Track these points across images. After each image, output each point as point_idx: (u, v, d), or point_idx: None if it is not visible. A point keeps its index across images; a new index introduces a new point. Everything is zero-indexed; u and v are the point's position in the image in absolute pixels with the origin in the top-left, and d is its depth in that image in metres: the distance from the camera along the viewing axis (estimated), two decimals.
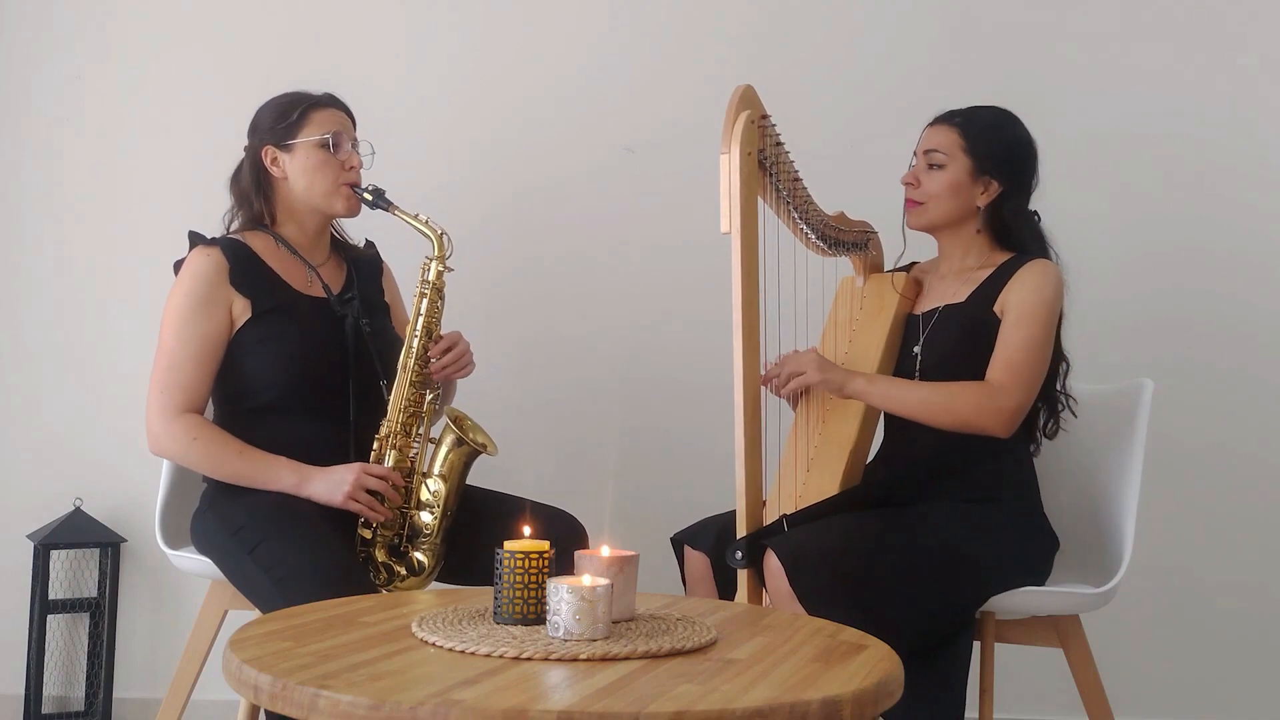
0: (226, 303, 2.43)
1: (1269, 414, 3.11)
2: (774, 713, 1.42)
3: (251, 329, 2.43)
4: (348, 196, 2.50)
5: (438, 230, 2.49)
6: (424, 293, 2.48)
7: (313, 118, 2.50)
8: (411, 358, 2.46)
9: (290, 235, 2.54)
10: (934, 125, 2.55)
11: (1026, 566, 2.40)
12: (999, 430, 2.38)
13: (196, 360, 2.41)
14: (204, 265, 2.44)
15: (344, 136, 2.51)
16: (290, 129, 2.49)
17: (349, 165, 2.50)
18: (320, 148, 2.48)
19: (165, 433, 2.41)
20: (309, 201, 2.51)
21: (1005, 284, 2.45)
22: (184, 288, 2.44)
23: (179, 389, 2.41)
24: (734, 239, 2.32)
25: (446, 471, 2.43)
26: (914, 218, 2.55)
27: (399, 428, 2.44)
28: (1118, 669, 2.75)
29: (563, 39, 3.24)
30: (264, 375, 2.43)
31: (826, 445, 2.47)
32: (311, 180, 2.49)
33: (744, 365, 2.33)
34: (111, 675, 3.13)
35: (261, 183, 2.52)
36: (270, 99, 2.55)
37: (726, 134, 2.31)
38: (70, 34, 3.23)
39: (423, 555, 2.42)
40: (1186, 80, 3.14)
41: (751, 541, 2.29)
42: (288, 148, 2.49)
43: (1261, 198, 3.13)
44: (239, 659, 1.56)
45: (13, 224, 3.24)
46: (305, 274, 2.51)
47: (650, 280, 3.21)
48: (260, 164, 2.52)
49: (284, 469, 2.38)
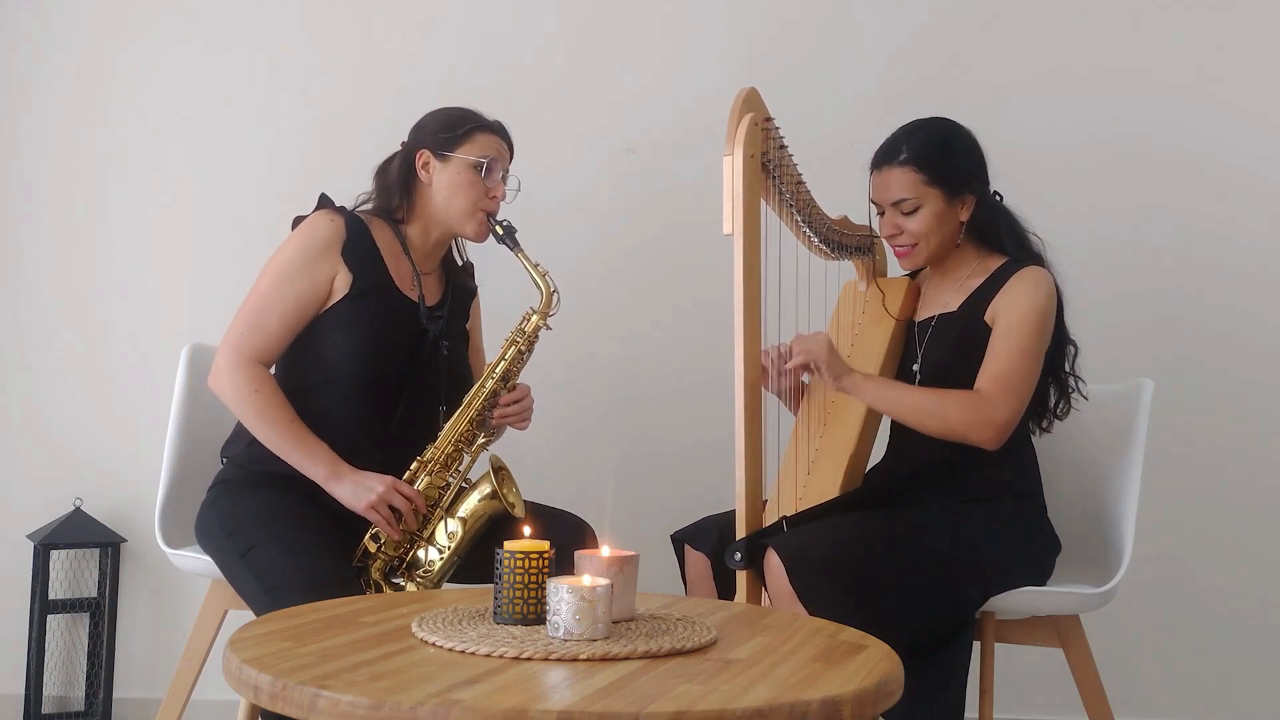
0: (331, 270, 2.43)
1: (1269, 414, 3.11)
2: (774, 713, 1.42)
3: (345, 306, 2.43)
4: (481, 223, 2.50)
5: (552, 286, 2.49)
6: (516, 341, 2.48)
7: (477, 138, 2.50)
8: (481, 397, 2.46)
9: (412, 237, 2.54)
10: (881, 172, 2.48)
11: (1027, 567, 2.40)
12: (987, 443, 2.37)
13: (283, 314, 2.41)
14: (323, 227, 2.45)
15: (498, 165, 2.52)
16: (452, 141, 2.49)
17: (492, 194, 2.51)
18: (473, 168, 2.49)
19: (230, 374, 2.39)
20: (444, 215, 2.52)
21: (995, 293, 2.45)
22: (296, 242, 2.44)
23: (259, 336, 2.40)
24: (736, 240, 2.32)
25: (468, 517, 2.42)
26: (910, 261, 2.53)
27: (443, 457, 2.43)
28: (1118, 669, 2.75)
29: (564, 39, 3.24)
30: (336, 355, 2.43)
31: (827, 448, 2.47)
32: (453, 196, 2.49)
33: (745, 366, 2.33)
34: (111, 675, 3.13)
35: (408, 181, 2.53)
36: (444, 107, 2.56)
37: (730, 136, 2.31)
38: (70, 34, 3.23)
39: (415, 588, 2.40)
40: (1188, 81, 3.14)
41: (751, 543, 2.28)
42: (444, 158, 2.50)
43: (1262, 199, 3.13)
44: (239, 659, 1.56)
45: (13, 224, 3.24)
46: (411, 276, 2.52)
47: (651, 281, 3.21)
48: (412, 163, 2.52)
49: (321, 459, 2.36)
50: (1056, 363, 2.50)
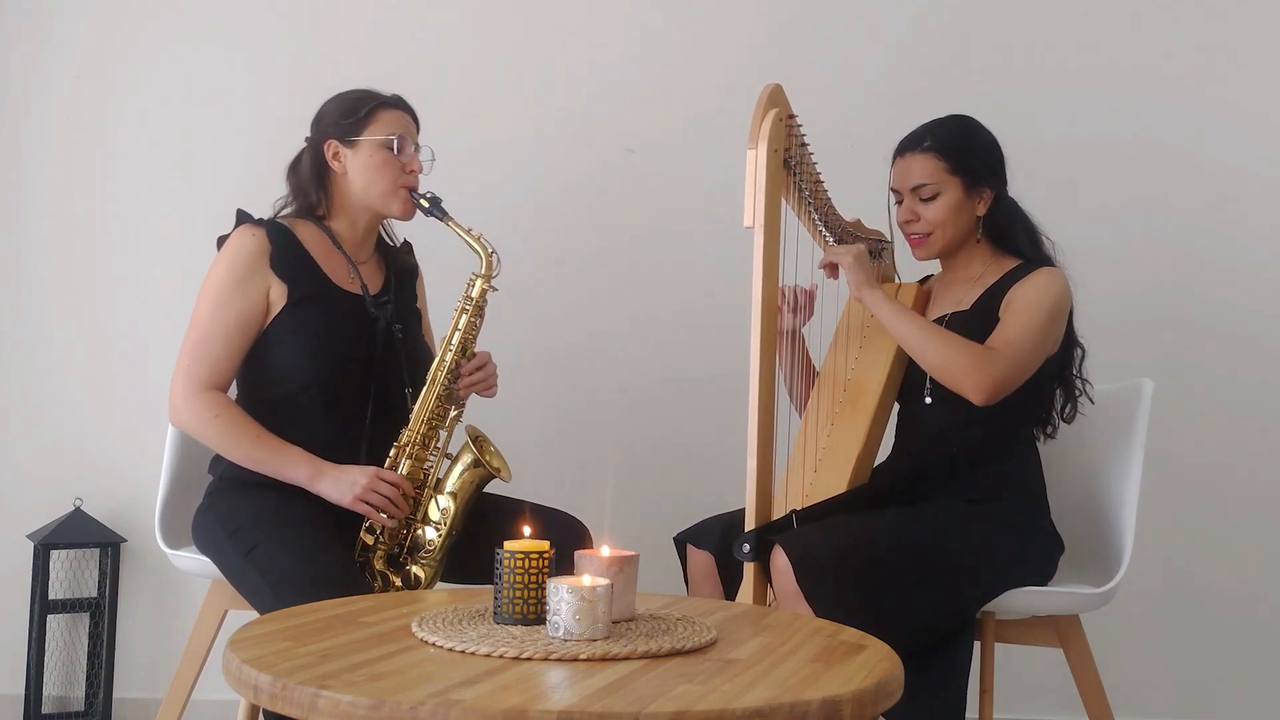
0: (264, 285, 2.42)
1: (1269, 414, 3.11)
2: (774, 713, 1.42)
3: (286, 318, 2.42)
4: (405, 200, 2.48)
5: (489, 249, 2.46)
6: (465, 309, 2.46)
7: (380, 117, 2.48)
8: (443, 371, 2.44)
9: (339, 230, 2.52)
10: (904, 158, 2.52)
11: (1029, 568, 2.40)
12: (977, 393, 2.34)
13: (227, 338, 2.40)
14: (247, 244, 2.43)
15: (408, 140, 2.50)
16: (356, 125, 2.47)
17: (410, 169, 2.49)
18: (384, 148, 2.47)
19: (187, 406, 2.39)
20: (366, 200, 2.50)
21: (1009, 290, 2.46)
22: (224, 264, 2.43)
23: (206, 364, 2.39)
24: (756, 234, 2.31)
25: (458, 490, 2.42)
26: (924, 251, 2.54)
27: (418, 438, 2.42)
28: (1118, 669, 2.76)
29: (566, 39, 3.24)
30: (290, 366, 2.41)
31: (835, 445, 2.47)
32: (371, 179, 2.48)
33: (760, 360, 2.32)
34: (111, 675, 3.12)
35: (321, 175, 2.51)
36: (339, 93, 2.53)
37: (754, 130, 2.30)
38: (70, 34, 3.23)
39: (420, 570, 2.40)
40: (1189, 80, 3.14)
41: (760, 535, 2.28)
42: (352, 144, 2.48)
43: (1263, 198, 3.13)
44: (239, 659, 1.56)
45: (13, 224, 3.24)
46: (347, 269, 2.50)
47: (654, 281, 3.20)
48: (322, 157, 2.50)
49: (299, 461, 2.36)
50: (1064, 365, 2.50)
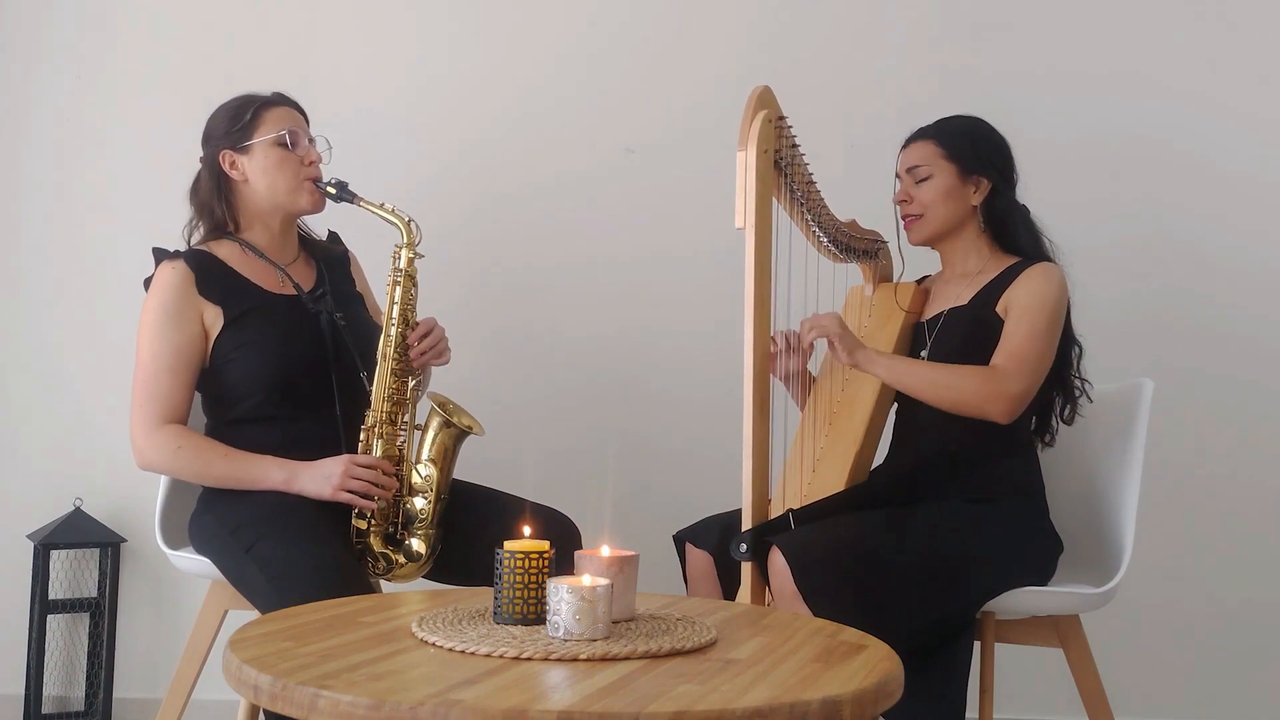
0: (197, 313, 2.43)
1: (1269, 414, 3.11)
2: (774, 713, 1.42)
3: (228, 336, 2.43)
4: (311, 192, 2.50)
5: (405, 218, 2.46)
6: (397, 280, 2.46)
7: (266, 117, 2.49)
8: (390, 346, 2.44)
9: (256, 238, 2.53)
10: (908, 145, 2.59)
11: (1028, 567, 2.40)
12: (1000, 415, 2.37)
13: (172, 372, 2.42)
14: (171, 278, 2.44)
15: (300, 133, 2.50)
16: (245, 130, 2.48)
17: (308, 160, 2.50)
18: (278, 145, 2.47)
19: (149, 446, 2.42)
20: (273, 201, 2.50)
21: (1007, 286, 2.46)
22: (154, 302, 2.44)
23: (158, 401, 2.42)
24: (748, 235, 2.31)
25: (436, 455, 2.44)
26: (916, 232, 2.56)
27: (384, 416, 2.43)
28: (1118, 669, 2.75)
29: (564, 39, 3.24)
30: (246, 380, 2.43)
31: (833, 445, 2.47)
32: (273, 179, 2.48)
33: (754, 359, 2.32)
34: (111, 675, 3.13)
35: (222, 189, 2.52)
36: (220, 105, 2.54)
37: (744, 132, 2.30)
38: (70, 34, 3.23)
39: (419, 541, 2.42)
40: (1188, 81, 3.14)
41: (757, 535, 2.29)
42: (245, 149, 2.48)
43: (1263, 198, 3.13)
44: (239, 659, 1.56)
45: (13, 224, 3.24)
46: (276, 276, 2.51)
47: (651, 281, 3.20)
48: (219, 170, 2.50)
49: (271, 467, 2.38)
50: (1062, 365, 2.50)
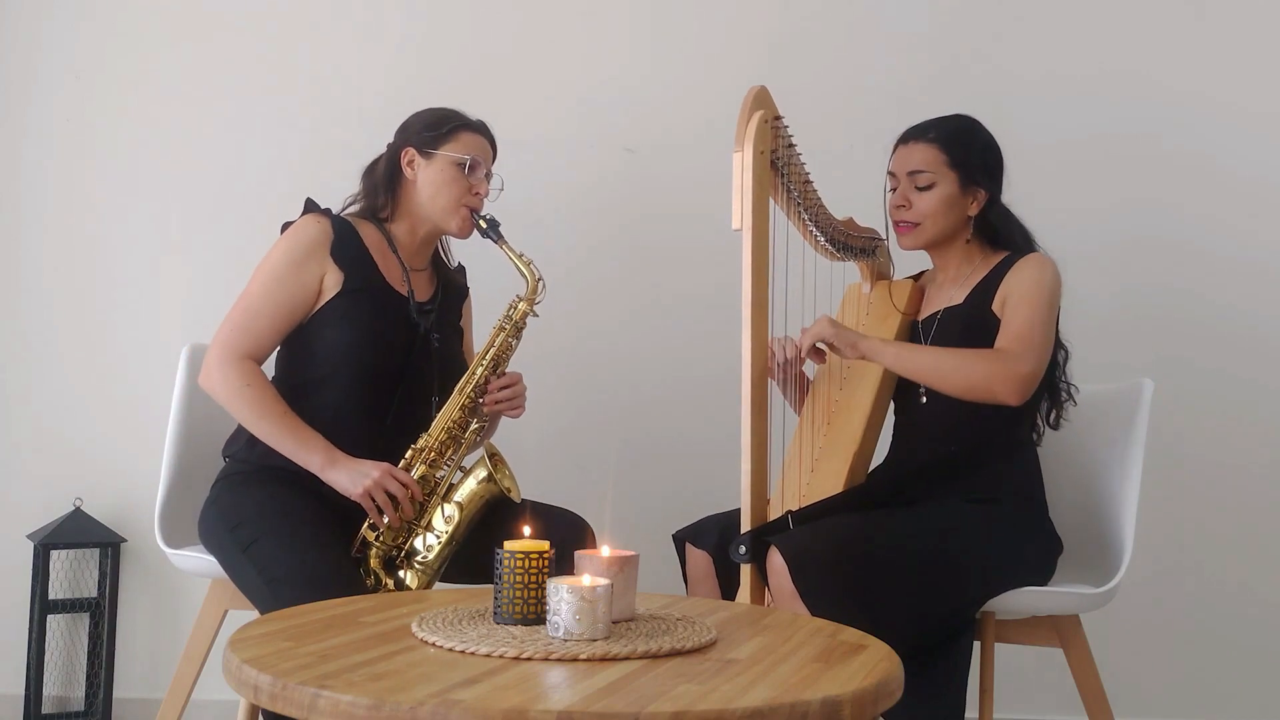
0: (320, 271, 2.47)
1: (1269, 414, 3.11)
2: (774, 713, 1.42)
3: (337, 303, 2.47)
4: (464, 218, 2.55)
5: (537, 275, 2.53)
6: (504, 328, 2.52)
7: (460, 137, 2.55)
8: (471, 384, 2.48)
9: (399, 235, 2.58)
10: (907, 145, 2.54)
11: (1028, 567, 2.40)
12: (1011, 396, 2.35)
13: (273, 315, 2.45)
14: (311, 230, 2.49)
15: (480, 165, 2.56)
16: (437, 139, 2.54)
17: (475, 191, 2.56)
18: (456, 166, 2.53)
19: (220, 370, 2.43)
20: (429, 211, 2.56)
21: (1001, 280, 2.46)
22: (285, 244, 2.49)
23: (250, 334, 2.44)
24: (745, 236, 2.31)
25: (465, 501, 2.44)
26: (909, 240, 2.54)
27: (436, 444, 2.45)
28: (1118, 669, 2.76)
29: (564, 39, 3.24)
30: (330, 350, 2.46)
31: (832, 446, 2.46)
32: (437, 192, 2.54)
33: (752, 359, 2.32)
34: (111, 675, 3.13)
35: (393, 179, 2.58)
36: (429, 107, 2.60)
37: (740, 133, 2.31)
38: (70, 34, 3.23)
39: (413, 576, 2.41)
40: (1188, 80, 3.14)
41: (755, 537, 2.29)
42: (428, 155, 2.54)
43: (1262, 197, 3.13)
44: (239, 659, 1.56)
45: (12, 224, 3.24)
46: (400, 274, 2.55)
47: (652, 281, 3.21)
48: (397, 162, 2.57)
49: (317, 447, 2.39)
50: (1050, 368, 2.48)
